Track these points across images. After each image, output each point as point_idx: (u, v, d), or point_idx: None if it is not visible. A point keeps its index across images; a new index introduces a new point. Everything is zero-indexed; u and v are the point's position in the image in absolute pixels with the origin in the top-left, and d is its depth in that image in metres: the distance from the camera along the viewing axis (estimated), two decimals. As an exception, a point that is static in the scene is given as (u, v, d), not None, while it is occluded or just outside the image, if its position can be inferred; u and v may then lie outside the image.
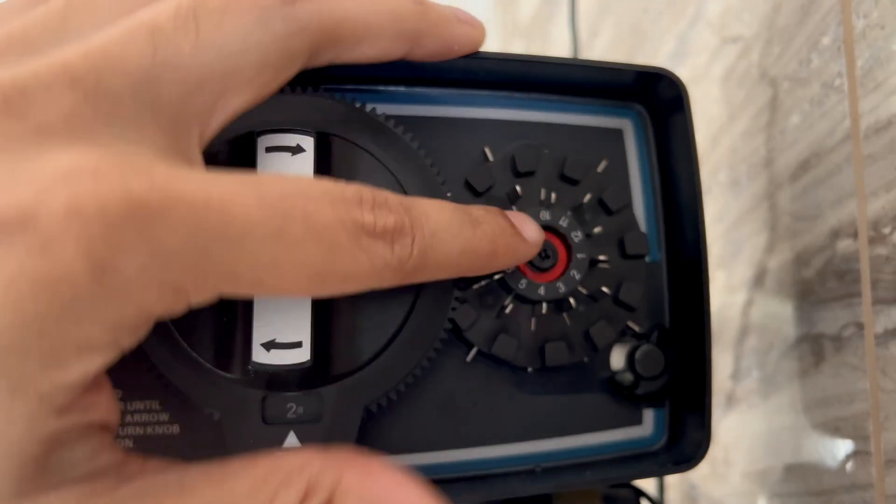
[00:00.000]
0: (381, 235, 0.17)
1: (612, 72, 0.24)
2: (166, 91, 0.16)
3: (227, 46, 0.17)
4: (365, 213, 0.17)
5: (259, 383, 0.19)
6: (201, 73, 0.16)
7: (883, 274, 0.25)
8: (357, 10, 0.18)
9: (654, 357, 0.24)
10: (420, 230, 0.18)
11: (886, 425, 0.25)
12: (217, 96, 0.17)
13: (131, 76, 0.15)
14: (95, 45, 0.15)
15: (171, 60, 0.16)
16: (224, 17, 0.16)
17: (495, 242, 0.20)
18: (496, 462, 0.23)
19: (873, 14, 0.26)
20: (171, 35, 0.16)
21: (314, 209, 0.16)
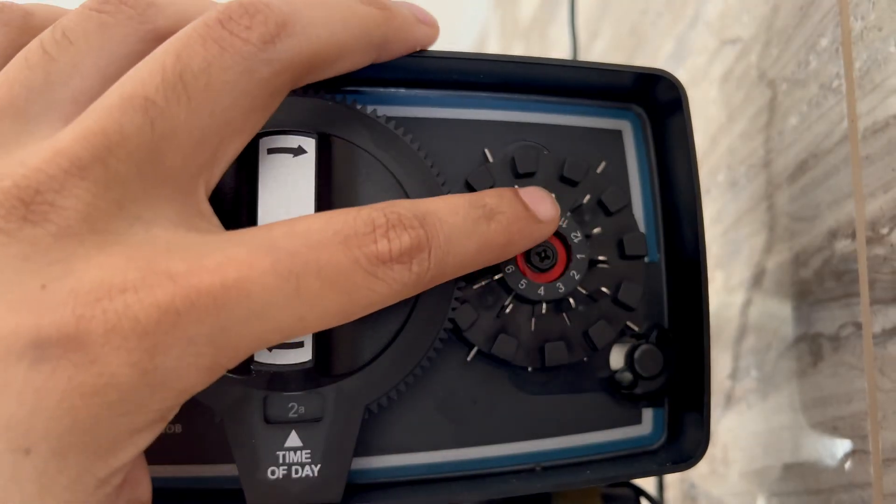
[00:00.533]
0: (397, 260, 0.17)
1: (612, 73, 0.24)
2: (168, 161, 0.16)
3: (219, 103, 0.17)
4: (379, 242, 0.17)
5: (261, 383, 0.20)
6: (198, 136, 0.17)
7: (881, 274, 0.25)
8: (330, 34, 0.18)
9: (653, 357, 0.24)
10: (436, 240, 0.18)
11: (884, 424, 0.25)
12: (215, 149, 0.17)
13: (134, 156, 0.16)
14: (92, 128, 0.16)
15: (169, 131, 0.16)
16: (210, 76, 0.16)
17: (510, 232, 0.20)
18: (496, 461, 0.23)
19: (871, 16, 0.26)
20: (165, 107, 0.16)
21: (327, 258, 0.16)
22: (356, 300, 0.17)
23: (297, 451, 0.20)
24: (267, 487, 0.19)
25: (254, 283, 0.15)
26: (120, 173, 0.16)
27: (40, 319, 0.14)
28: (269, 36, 0.17)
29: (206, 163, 0.17)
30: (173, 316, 0.15)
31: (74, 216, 0.15)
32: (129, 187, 0.16)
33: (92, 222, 0.15)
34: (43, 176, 0.15)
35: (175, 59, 0.16)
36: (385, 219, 0.17)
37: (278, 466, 0.19)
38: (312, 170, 0.20)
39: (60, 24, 0.17)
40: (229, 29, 0.17)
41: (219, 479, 0.21)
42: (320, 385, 0.20)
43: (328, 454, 0.20)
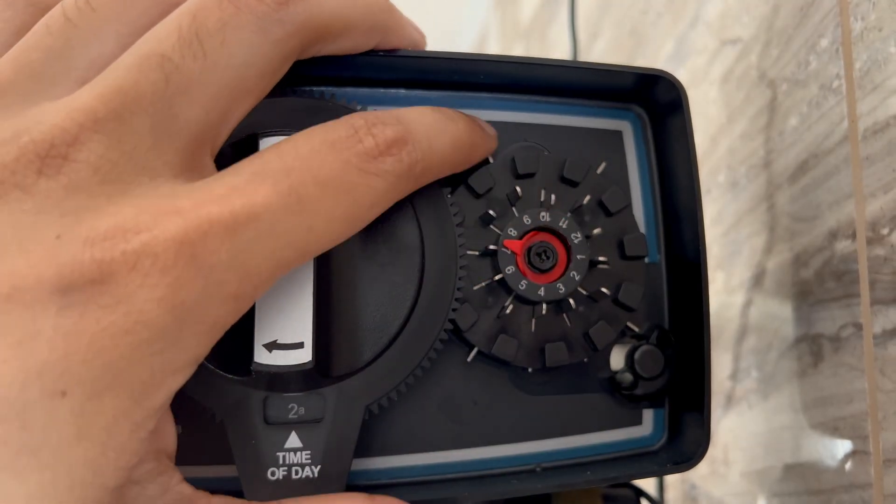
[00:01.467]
0: (385, 151, 0.18)
1: (612, 74, 0.24)
2: (182, 116, 0.17)
3: (233, 60, 0.17)
4: (365, 140, 0.18)
5: (261, 384, 0.20)
6: (212, 92, 0.17)
7: (881, 274, 0.25)
8: (339, 6, 0.19)
9: (653, 357, 0.24)
10: (416, 134, 0.19)
11: (885, 425, 0.25)
12: (226, 109, 0.18)
13: (148, 110, 0.16)
14: (110, 85, 0.16)
15: (183, 86, 0.17)
16: (226, 34, 0.17)
17: (472, 133, 0.21)
18: (496, 462, 0.23)
19: (871, 16, 0.26)
20: (180, 63, 0.16)
21: (319, 165, 0.17)
22: (358, 199, 0.17)
23: (298, 452, 0.20)
24: (267, 488, 0.19)
25: (258, 204, 0.16)
26: (133, 127, 0.16)
27: (62, 268, 0.15)
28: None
29: (217, 121, 0.18)
30: (189, 247, 0.15)
31: (85, 168, 0.16)
32: (141, 140, 0.16)
33: (102, 174, 0.16)
34: (58, 130, 0.16)
35: (191, 18, 0.17)
36: (363, 120, 0.18)
37: (278, 467, 0.19)
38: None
39: None
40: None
41: (219, 479, 0.21)
42: (320, 386, 0.20)
43: (328, 455, 0.20)
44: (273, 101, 0.21)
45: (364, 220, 0.18)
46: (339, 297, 0.21)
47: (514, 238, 0.23)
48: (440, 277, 0.21)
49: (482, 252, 0.23)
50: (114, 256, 0.15)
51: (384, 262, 0.21)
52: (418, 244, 0.21)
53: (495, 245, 0.23)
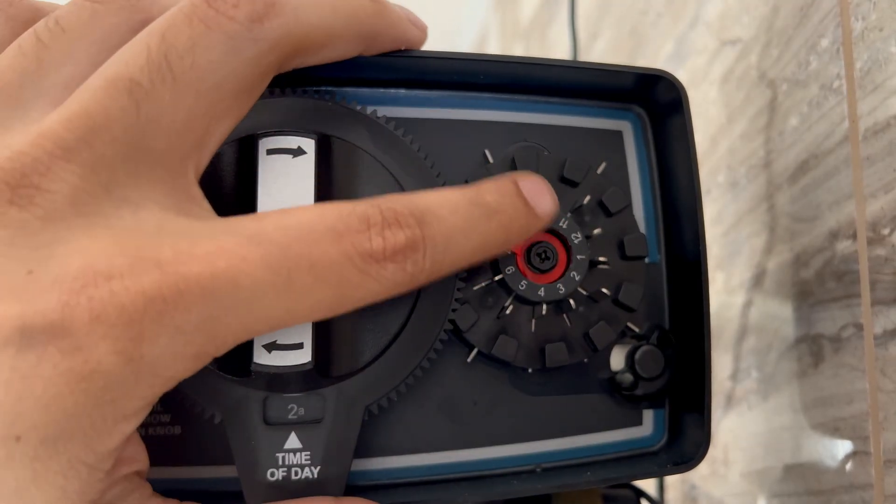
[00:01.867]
0: (391, 258, 0.17)
1: (612, 74, 0.24)
2: (156, 143, 0.16)
3: (204, 83, 0.16)
4: (374, 238, 0.16)
5: (260, 384, 0.19)
6: (185, 117, 0.16)
7: (882, 275, 0.25)
8: (319, 18, 0.18)
9: (653, 358, 0.24)
10: (432, 240, 0.17)
11: (885, 425, 0.25)
12: (203, 132, 0.17)
13: (120, 139, 0.16)
14: (77, 110, 0.16)
15: (155, 113, 0.16)
16: (195, 55, 0.16)
17: (509, 230, 0.19)
18: (496, 462, 0.23)
19: (872, 16, 0.26)
20: (150, 88, 0.16)
21: (319, 253, 0.16)
22: (347, 296, 0.17)
23: (297, 453, 0.19)
24: (267, 489, 0.19)
25: (243, 273, 0.15)
26: (106, 156, 0.16)
27: (26, 307, 0.14)
28: (257, 14, 0.17)
29: (195, 145, 0.17)
30: (160, 304, 0.15)
31: (61, 199, 0.15)
32: (116, 170, 0.16)
33: (79, 206, 0.15)
34: (28, 159, 0.15)
35: (160, 39, 0.16)
36: (381, 216, 0.17)
37: (278, 468, 0.19)
38: (312, 171, 0.20)
39: (55, 13, 0.18)
40: (216, 7, 0.17)
41: (218, 480, 0.21)
42: (320, 386, 0.20)
43: (328, 456, 0.20)
44: (272, 101, 0.21)
45: (348, 310, 0.17)
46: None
47: (514, 238, 0.23)
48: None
49: (482, 252, 0.23)
50: (80, 301, 0.14)
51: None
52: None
53: (495, 245, 0.22)
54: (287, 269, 0.16)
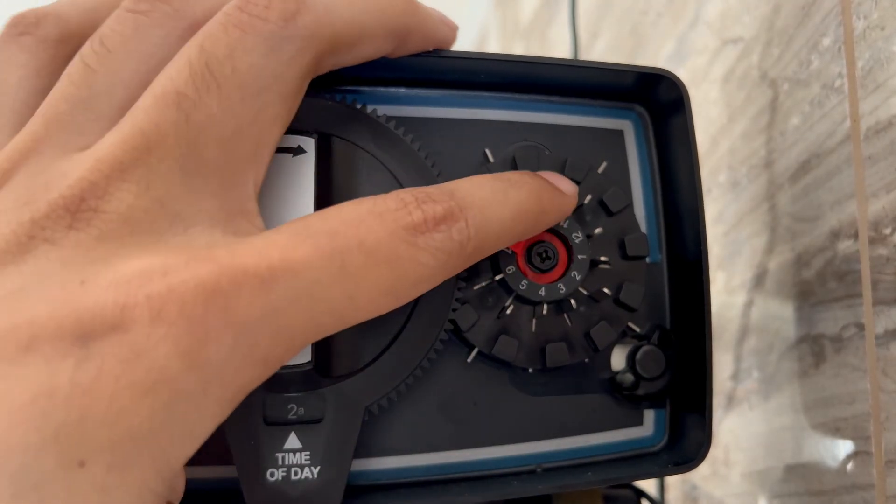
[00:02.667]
0: (434, 227, 0.17)
1: (613, 73, 0.24)
2: (209, 153, 0.16)
3: (248, 88, 0.17)
4: (413, 212, 0.17)
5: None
6: (235, 125, 0.16)
7: (883, 275, 0.25)
8: (350, 13, 0.18)
9: (654, 358, 0.24)
10: (470, 209, 0.18)
11: (887, 425, 0.25)
12: (254, 141, 0.17)
13: (173, 152, 0.16)
14: (130, 131, 0.16)
15: (204, 122, 0.16)
16: (235, 60, 0.16)
17: (541, 199, 0.20)
18: (497, 463, 0.23)
19: (873, 15, 0.26)
20: (197, 99, 0.16)
21: (365, 233, 0.16)
22: (404, 274, 0.16)
23: (297, 453, 0.19)
24: (266, 489, 0.19)
25: (298, 262, 0.15)
26: (161, 171, 0.16)
27: (82, 313, 0.14)
28: (289, 13, 0.17)
29: (249, 155, 0.17)
30: (221, 298, 0.14)
31: (116, 219, 0.15)
32: (171, 185, 0.16)
33: (133, 223, 0.15)
34: (86, 184, 0.15)
35: (199, 50, 0.16)
36: (412, 195, 0.17)
37: (277, 468, 0.19)
38: (312, 170, 0.20)
39: (98, 32, 0.17)
40: (248, 11, 0.17)
41: (218, 480, 0.21)
42: (320, 386, 0.20)
43: (328, 456, 0.20)
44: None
45: (407, 298, 0.17)
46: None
47: (514, 238, 0.22)
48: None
49: (483, 252, 0.23)
50: (137, 300, 0.14)
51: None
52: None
53: (496, 245, 0.22)
54: (339, 252, 0.16)
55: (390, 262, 0.16)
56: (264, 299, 0.15)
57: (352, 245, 0.16)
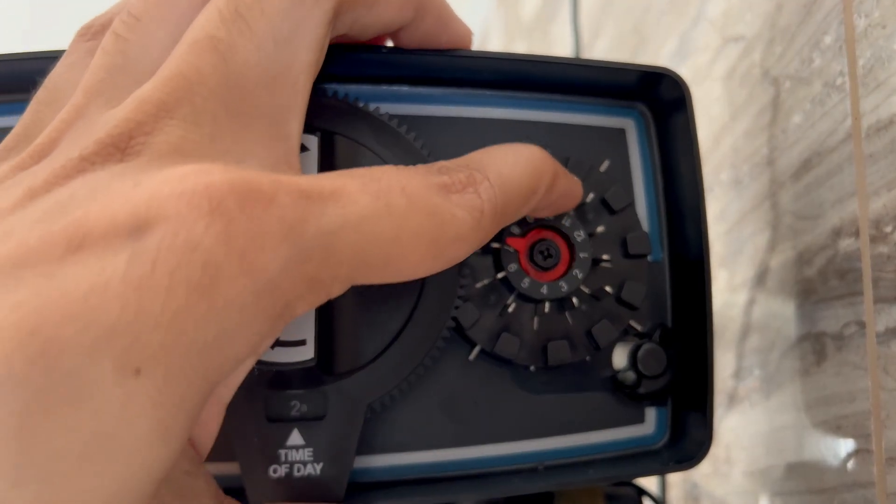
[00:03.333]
0: (462, 189, 0.17)
1: (615, 71, 0.24)
2: (252, 95, 0.16)
3: (279, 31, 0.17)
4: (440, 176, 0.17)
5: (263, 381, 0.20)
6: (273, 70, 0.17)
7: (884, 273, 0.25)
8: None
9: (656, 356, 0.24)
10: (487, 172, 0.18)
11: (888, 423, 0.25)
12: (293, 87, 0.17)
13: (216, 92, 0.16)
14: (171, 75, 0.16)
15: (242, 64, 0.16)
16: (263, 3, 0.17)
17: (548, 159, 0.20)
18: (498, 460, 0.23)
19: (875, 13, 0.26)
20: (230, 41, 0.16)
21: (406, 181, 0.16)
22: (443, 226, 0.16)
23: (300, 450, 0.20)
24: (269, 486, 0.19)
25: (347, 197, 0.15)
26: (207, 109, 0.16)
27: (137, 207, 0.13)
28: None
29: (290, 102, 0.17)
30: (278, 208, 0.14)
31: (167, 148, 0.15)
32: (219, 123, 0.16)
33: (184, 152, 0.15)
34: (133, 123, 0.15)
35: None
36: (435, 167, 0.18)
37: (280, 465, 0.19)
38: (315, 168, 0.20)
39: (126, 7, 0.18)
40: None
41: (221, 477, 0.21)
42: (323, 383, 0.20)
43: (330, 452, 0.20)
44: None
45: (448, 256, 0.17)
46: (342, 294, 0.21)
47: (516, 236, 0.23)
48: (442, 275, 0.21)
49: (485, 250, 0.23)
50: (196, 190, 0.13)
51: (386, 260, 0.21)
52: (421, 242, 0.21)
53: (498, 243, 0.22)
54: (384, 192, 0.16)
55: (430, 210, 0.16)
56: (318, 218, 0.14)
57: (394, 187, 0.16)
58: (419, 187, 0.17)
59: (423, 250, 0.16)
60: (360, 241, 0.15)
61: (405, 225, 0.16)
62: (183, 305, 0.12)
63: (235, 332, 0.13)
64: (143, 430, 0.12)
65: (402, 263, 0.16)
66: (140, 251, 0.12)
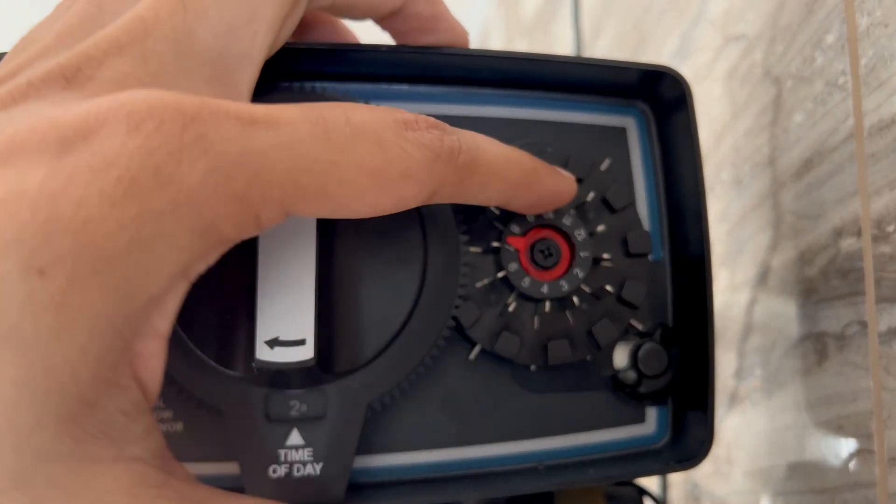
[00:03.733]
0: (425, 129, 0.17)
1: (616, 70, 0.24)
2: (202, 42, 0.17)
3: None
4: (406, 114, 0.17)
5: (262, 381, 0.19)
6: (229, 20, 0.17)
7: (886, 272, 0.25)
8: None
9: (657, 355, 0.24)
10: (462, 134, 0.18)
11: (889, 423, 0.25)
12: (250, 41, 0.18)
13: (169, 36, 0.16)
14: (131, 17, 0.16)
15: (201, 11, 0.17)
16: None
17: (533, 159, 0.20)
18: (499, 460, 0.23)
19: (877, 12, 0.26)
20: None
21: (352, 112, 0.16)
22: (390, 160, 0.16)
23: (299, 450, 0.19)
24: (269, 486, 0.19)
25: (283, 121, 0.15)
26: (156, 51, 0.16)
27: (62, 126, 0.14)
28: None
29: (244, 54, 0.17)
30: (200, 125, 0.14)
31: (110, 83, 0.15)
32: (166, 63, 0.16)
33: (125, 86, 0.15)
34: (83, 57, 0.16)
35: None
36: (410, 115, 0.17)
37: (280, 464, 0.19)
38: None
39: None
40: None
41: (220, 477, 0.21)
42: (322, 383, 0.20)
43: (330, 452, 0.20)
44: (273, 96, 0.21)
45: (394, 193, 0.16)
46: (341, 293, 0.21)
47: (517, 235, 0.22)
48: (443, 274, 0.21)
49: (485, 249, 0.23)
50: (118, 115, 0.14)
51: (386, 259, 0.21)
52: (421, 241, 0.21)
53: (498, 242, 0.22)
54: (323, 119, 0.16)
55: (376, 141, 0.16)
56: (244, 138, 0.14)
57: (338, 118, 0.16)
58: (368, 120, 0.16)
59: (365, 180, 0.16)
60: (292, 163, 0.15)
61: (345, 151, 0.16)
62: (95, 214, 0.13)
63: (152, 243, 0.14)
64: (43, 329, 0.13)
65: (343, 193, 0.16)
66: (59, 166, 0.13)
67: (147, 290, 0.14)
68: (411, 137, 0.17)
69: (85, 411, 0.14)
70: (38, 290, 0.13)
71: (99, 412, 0.14)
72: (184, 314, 0.19)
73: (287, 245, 0.19)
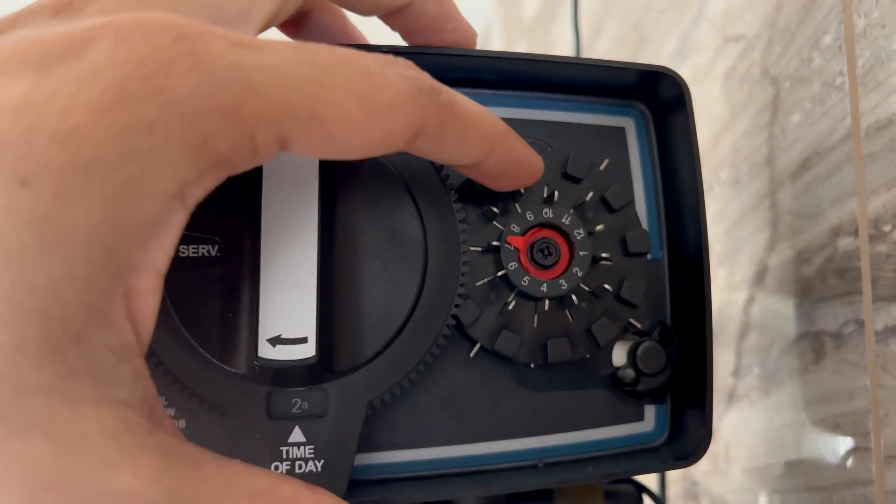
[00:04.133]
0: (406, 66, 0.17)
1: (615, 70, 0.24)
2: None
3: None
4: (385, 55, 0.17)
5: (264, 378, 0.20)
6: None
7: (883, 271, 0.25)
8: None
9: (655, 353, 0.24)
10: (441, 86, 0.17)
11: (886, 421, 0.25)
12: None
13: None
14: None
15: None
16: None
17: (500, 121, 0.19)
18: (498, 457, 0.23)
19: (874, 13, 0.26)
20: None
21: (335, 47, 0.16)
22: (375, 87, 0.16)
23: (301, 447, 0.20)
24: (270, 482, 0.19)
25: (267, 45, 0.15)
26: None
27: (49, 42, 0.13)
28: None
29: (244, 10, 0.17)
30: (189, 41, 0.14)
31: (98, 13, 0.15)
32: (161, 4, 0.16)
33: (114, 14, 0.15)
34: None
35: None
36: None
37: (282, 462, 0.19)
38: (315, 168, 0.20)
39: None
40: None
41: (222, 474, 0.21)
42: (324, 381, 0.20)
43: (331, 450, 0.20)
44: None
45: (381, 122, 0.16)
46: (343, 292, 0.21)
47: (516, 234, 0.23)
48: (443, 273, 0.21)
49: (485, 248, 0.23)
50: (105, 31, 0.13)
51: (387, 258, 0.21)
52: (421, 240, 0.21)
53: (498, 241, 0.23)
54: (308, 49, 0.15)
55: (361, 69, 0.16)
56: (233, 56, 0.14)
57: (321, 47, 0.16)
58: (351, 53, 0.16)
59: (354, 105, 0.15)
60: (282, 82, 0.15)
61: (331, 76, 0.15)
62: (82, 123, 0.12)
63: (144, 156, 0.13)
64: (27, 243, 0.12)
65: (333, 117, 0.15)
66: (45, 77, 0.13)
67: (140, 209, 0.13)
68: (394, 71, 0.16)
69: (70, 342, 0.13)
70: (21, 201, 0.12)
71: (84, 346, 0.13)
72: (186, 311, 0.19)
73: (289, 243, 0.20)
